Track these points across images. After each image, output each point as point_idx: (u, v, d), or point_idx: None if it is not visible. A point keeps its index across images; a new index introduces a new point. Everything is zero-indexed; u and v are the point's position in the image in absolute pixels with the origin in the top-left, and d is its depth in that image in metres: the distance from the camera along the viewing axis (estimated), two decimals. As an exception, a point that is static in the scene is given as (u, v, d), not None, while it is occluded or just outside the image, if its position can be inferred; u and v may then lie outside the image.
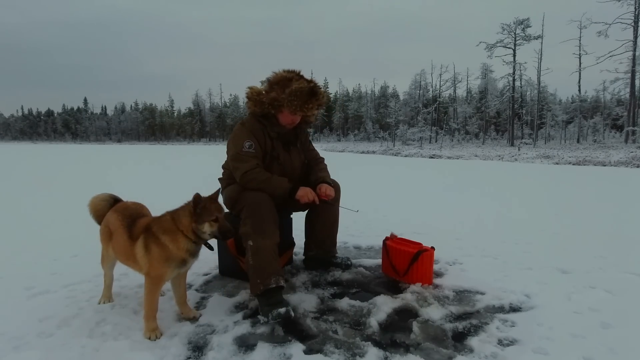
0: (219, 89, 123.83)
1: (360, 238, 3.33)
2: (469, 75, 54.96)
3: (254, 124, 2.20)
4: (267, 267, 1.93)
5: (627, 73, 26.62)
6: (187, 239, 1.72)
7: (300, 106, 2.12)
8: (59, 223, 3.94)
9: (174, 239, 1.71)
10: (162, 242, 1.69)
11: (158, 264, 1.69)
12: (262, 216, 2.00)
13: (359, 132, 60.36)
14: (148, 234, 1.72)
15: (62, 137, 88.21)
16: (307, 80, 2.17)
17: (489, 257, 2.79)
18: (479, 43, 33.77)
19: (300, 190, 2.16)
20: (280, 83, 2.15)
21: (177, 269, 1.75)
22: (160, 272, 1.70)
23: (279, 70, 2.23)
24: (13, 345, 1.62)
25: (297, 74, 2.20)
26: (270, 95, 2.13)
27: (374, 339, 1.68)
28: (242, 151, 2.12)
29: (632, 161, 13.32)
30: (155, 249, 1.69)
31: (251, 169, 2.10)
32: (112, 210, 1.95)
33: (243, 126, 2.21)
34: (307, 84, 2.13)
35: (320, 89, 2.20)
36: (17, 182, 7.88)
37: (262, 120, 2.21)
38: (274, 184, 2.11)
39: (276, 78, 2.19)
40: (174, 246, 1.70)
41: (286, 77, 2.17)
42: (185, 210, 1.73)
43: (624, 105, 33.83)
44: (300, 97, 2.10)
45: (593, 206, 5.03)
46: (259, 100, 2.18)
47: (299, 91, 2.09)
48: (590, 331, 1.70)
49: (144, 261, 1.73)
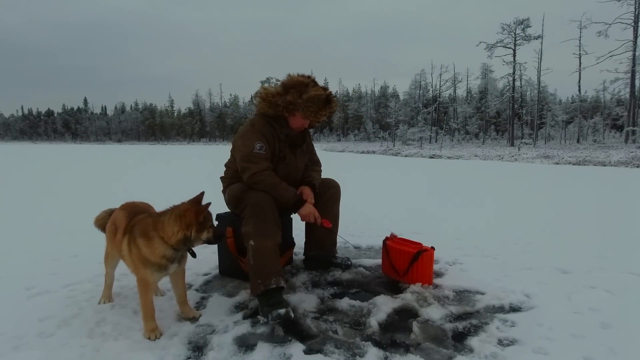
0: (219, 89, 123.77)
1: (360, 238, 3.33)
2: (469, 75, 54.85)
3: (264, 125, 2.20)
4: (267, 267, 1.93)
5: (627, 73, 26.63)
6: (164, 245, 1.66)
7: (315, 112, 2.16)
8: (59, 223, 3.94)
9: (149, 244, 1.66)
10: (137, 245, 1.67)
11: (138, 265, 1.68)
12: (265, 216, 2.00)
13: (359, 132, 60.39)
14: (130, 233, 1.71)
15: (62, 137, 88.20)
16: (323, 88, 2.21)
17: (489, 257, 2.79)
18: (479, 43, 33.87)
19: (305, 207, 2.18)
20: (297, 87, 2.16)
21: (157, 273, 1.70)
22: (141, 274, 1.69)
23: (294, 74, 2.25)
24: (13, 345, 1.62)
25: (312, 80, 2.23)
26: (287, 99, 2.14)
27: (374, 339, 1.68)
28: (253, 152, 2.11)
29: (632, 161, 13.32)
30: (134, 250, 1.68)
31: (261, 171, 2.10)
32: (120, 208, 1.95)
33: (253, 127, 2.19)
34: (323, 92, 2.16)
35: (334, 97, 2.23)
36: (17, 183, 7.88)
37: (272, 122, 2.21)
38: (280, 191, 2.12)
39: (292, 82, 2.19)
40: (149, 251, 1.66)
41: (303, 82, 2.18)
42: (171, 218, 1.65)
43: (624, 105, 33.84)
44: (317, 104, 2.13)
45: (593, 206, 5.04)
46: (273, 102, 2.17)
47: (316, 98, 2.12)
48: (590, 331, 1.70)
49: (128, 260, 1.73)
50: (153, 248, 1.66)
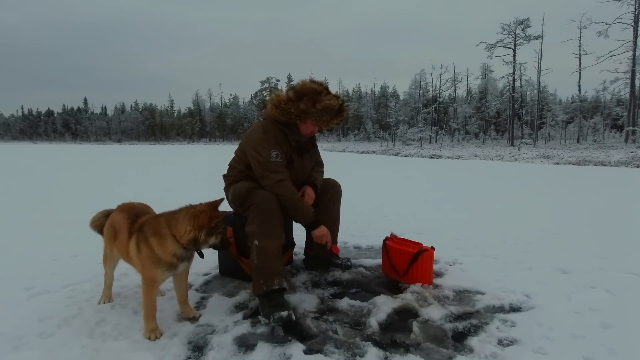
0: (219, 89, 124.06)
1: (360, 238, 3.33)
2: (469, 75, 54.95)
3: (277, 132, 2.19)
4: (271, 267, 1.93)
5: (627, 73, 26.64)
6: (176, 244, 1.69)
7: (327, 122, 2.17)
8: (60, 223, 3.94)
9: (162, 243, 1.67)
10: (150, 244, 1.68)
11: (147, 265, 1.68)
12: (270, 217, 2.00)
13: (359, 132, 60.41)
14: (140, 233, 1.71)
15: (62, 137, 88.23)
16: (335, 97, 2.20)
17: (489, 257, 2.79)
18: (479, 43, 33.88)
19: (319, 230, 2.23)
20: (310, 95, 2.14)
21: (167, 271, 1.72)
22: (150, 273, 1.69)
23: (305, 80, 2.24)
24: (13, 345, 1.62)
25: (325, 88, 2.22)
26: (299, 107, 2.14)
27: (374, 339, 1.68)
28: (271, 161, 2.11)
29: (632, 161, 13.33)
30: (144, 250, 1.69)
31: (283, 180, 2.11)
32: (117, 209, 1.95)
33: (266, 134, 2.17)
34: (336, 101, 2.16)
35: (347, 106, 2.24)
36: (17, 183, 7.88)
37: (283, 128, 2.21)
38: (300, 209, 2.16)
39: (304, 89, 2.17)
40: (161, 250, 1.68)
41: (316, 89, 2.17)
42: (185, 217, 1.67)
43: (624, 105, 33.86)
44: (330, 114, 2.14)
45: (593, 206, 5.03)
46: (286, 109, 2.16)
47: (329, 108, 2.13)
48: (590, 331, 1.70)
49: (136, 260, 1.73)
50: (165, 246, 1.68)
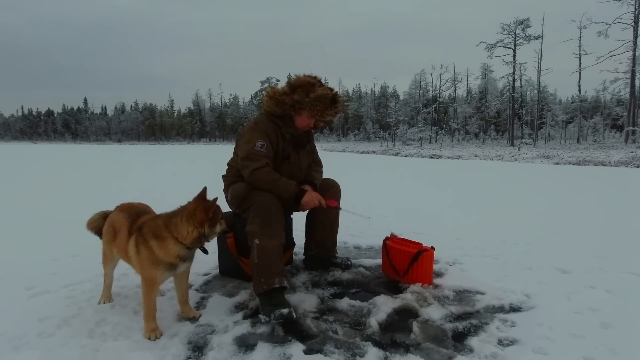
0: (219, 89, 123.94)
1: (360, 238, 3.33)
2: (469, 75, 54.82)
3: (268, 124, 2.21)
4: (271, 266, 1.93)
5: (627, 73, 26.64)
6: (178, 245, 1.68)
7: (321, 112, 2.17)
8: (60, 223, 3.93)
9: (162, 245, 1.67)
10: (150, 246, 1.67)
11: (147, 266, 1.68)
12: (270, 216, 2.01)
13: (359, 132, 60.41)
14: (139, 234, 1.71)
15: (62, 137, 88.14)
16: (329, 88, 2.23)
17: (489, 257, 2.79)
18: (479, 43, 33.89)
19: (306, 195, 2.19)
20: (304, 87, 2.18)
21: (166, 272, 1.72)
22: (150, 274, 1.69)
23: (300, 74, 2.27)
24: (13, 345, 1.62)
25: (318, 80, 2.26)
26: (294, 98, 2.16)
27: (374, 339, 1.68)
28: (254, 150, 2.12)
29: (632, 161, 13.33)
30: (143, 251, 1.68)
31: (260, 168, 2.11)
32: (117, 209, 1.95)
33: (257, 125, 2.21)
34: (329, 91, 2.19)
35: (340, 97, 2.25)
36: (17, 183, 7.88)
37: (277, 121, 2.23)
38: (281, 186, 2.13)
39: (299, 81, 2.22)
40: (163, 252, 1.67)
41: (309, 82, 2.21)
42: (183, 218, 1.67)
43: (624, 105, 33.83)
44: (323, 103, 2.15)
45: (593, 206, 5.03)
46: (280, 100, 2.19)
47: (322, 97, 2.14)
48: (590, 331, 1.70)
49: (135, 261, 1.73)
50: (167, 249, 1.68)
